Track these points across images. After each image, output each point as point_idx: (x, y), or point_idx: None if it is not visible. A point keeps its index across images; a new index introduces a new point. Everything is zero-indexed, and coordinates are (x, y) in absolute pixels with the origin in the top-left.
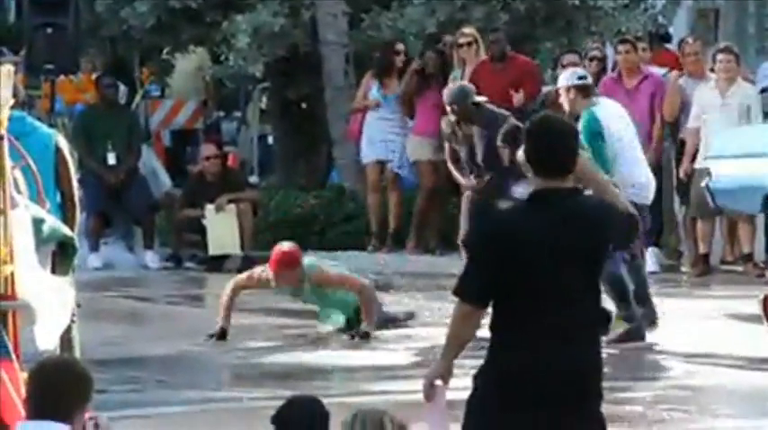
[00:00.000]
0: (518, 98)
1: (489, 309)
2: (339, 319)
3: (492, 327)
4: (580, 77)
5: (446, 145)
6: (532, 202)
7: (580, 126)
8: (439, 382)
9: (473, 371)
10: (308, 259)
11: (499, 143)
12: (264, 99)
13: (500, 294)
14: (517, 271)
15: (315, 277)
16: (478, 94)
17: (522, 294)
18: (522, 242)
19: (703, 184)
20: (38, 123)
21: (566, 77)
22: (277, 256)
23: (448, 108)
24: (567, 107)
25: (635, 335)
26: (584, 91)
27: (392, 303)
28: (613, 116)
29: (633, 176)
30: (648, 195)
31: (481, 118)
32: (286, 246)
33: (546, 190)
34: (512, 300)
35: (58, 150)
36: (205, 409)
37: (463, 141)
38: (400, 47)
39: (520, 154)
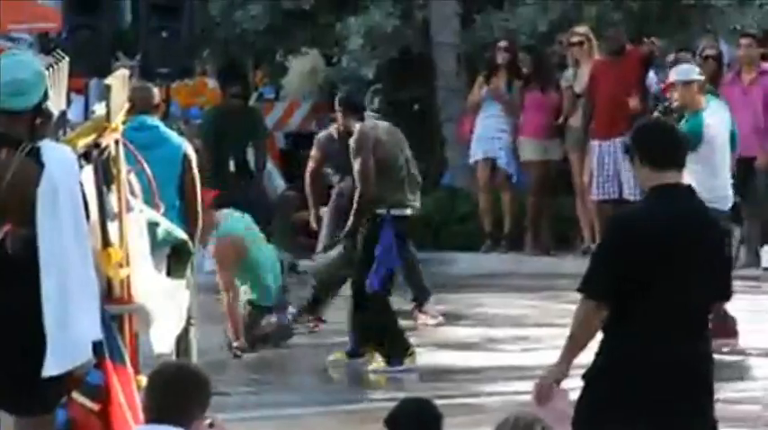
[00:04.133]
0: (633, 103)
1: None
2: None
3: (608, 327)
4: (700, 74)
5: (315, 154)
6: (656, 197)
7: (685, 123)
8: (556, 386)
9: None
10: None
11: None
12: (377, 100)
13: (624, 290)
14: (642, 264)
15: None
16: (595, 92)
17: (646, 289)
18: (648, 235)
19: None
20: (169, 132)
21: (686, 72)
22: None
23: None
24: (680, 101)
25: None
26: (702, 87)
27: (509, 306)
28: (717, 123)
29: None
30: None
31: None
32: None
33: (668, 185)
34: (636, 297)
35: (185, 159)
36: (321, 412)
37: (343, 151)
38: (503, 44)
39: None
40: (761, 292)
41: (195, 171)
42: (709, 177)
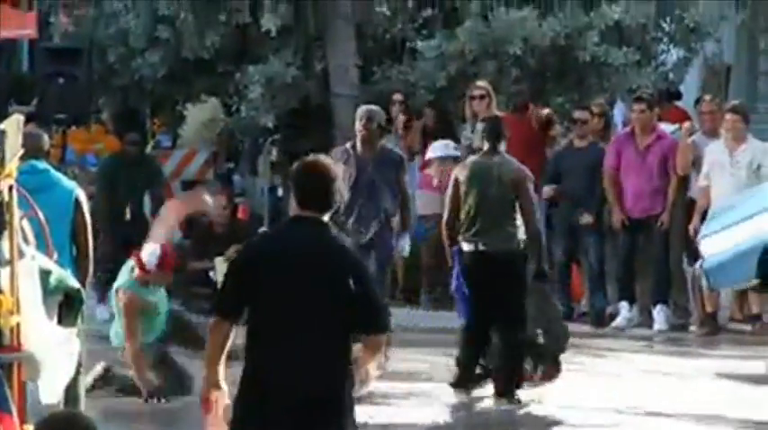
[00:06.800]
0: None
1: None
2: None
3: (245, 349)
4: (456, 148)
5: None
6: (285, 225)
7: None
8: (215, 393)
9: None
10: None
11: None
12: (275, 150)
13: (249, 311)
14: (263, 284)
15: None
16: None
17: (265, 311)
18: (270, 256)
19: (697, 267)
20: (60, 176)
21: (442, 149)
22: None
23: (360, 123)
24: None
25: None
26: (457, 161)
27: (402, 360)
28: None
29: None
30: None
31: (380, 148)
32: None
33: (301, 216)
34: (256, 318)
35: (77, 204)
36: None
37: (354, 165)
38: (397, 97)
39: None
40: (653, 353)
41: (87, 216)
42: None
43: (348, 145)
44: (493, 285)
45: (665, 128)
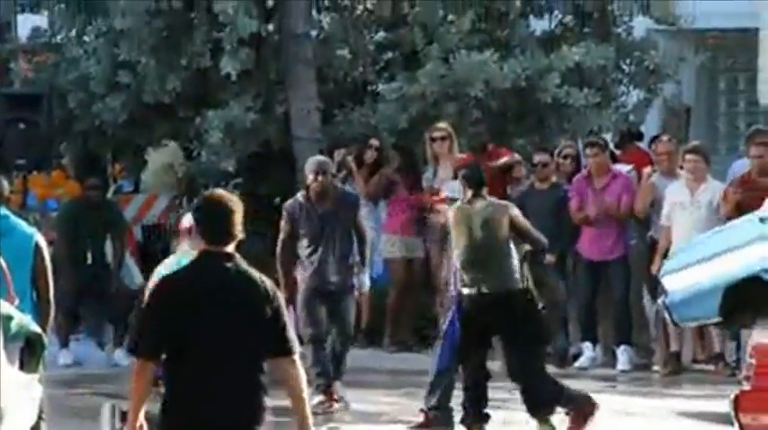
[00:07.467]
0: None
1: None
2: None
3: (164, 383)
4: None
5: (284, 228)
6: (195, 261)
7: None
8: None
9: None
10: None
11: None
12: (236, 194)
13: (168, 348)
14: (181, 323)
15: None
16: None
17: (183, 347)
18: (185, 294)
19: (660, 302)
20: (19, 222)
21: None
22: None
23: (314, 176)
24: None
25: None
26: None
27: (365, 402)
28: None
29: None
30: None
31: (336, 195)
32: None
33: (208, 251)
34: (175, 354)
35: (37, 250)
36: None
37: (314, 218)
38: (374, 142)
39: None
40: (616, 393)
41: (47, 261)
42: None
43: (301, 197)
44: (495, 326)
45: (621, 167)
